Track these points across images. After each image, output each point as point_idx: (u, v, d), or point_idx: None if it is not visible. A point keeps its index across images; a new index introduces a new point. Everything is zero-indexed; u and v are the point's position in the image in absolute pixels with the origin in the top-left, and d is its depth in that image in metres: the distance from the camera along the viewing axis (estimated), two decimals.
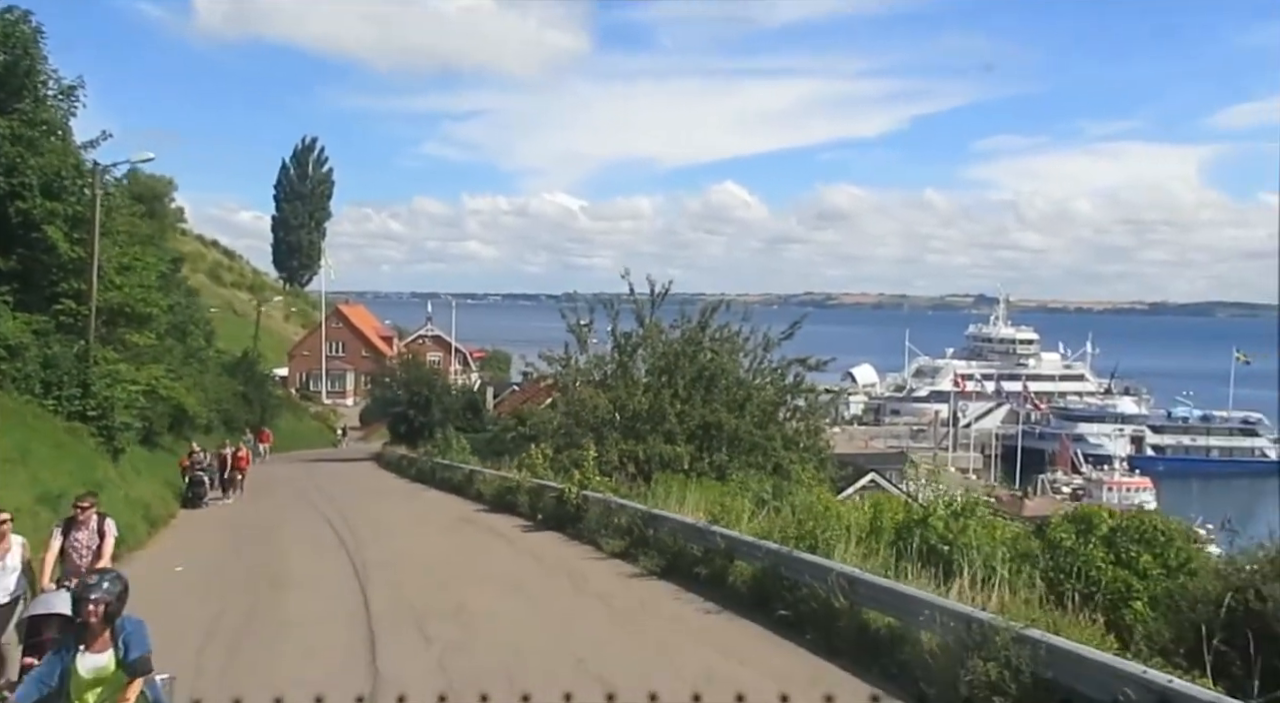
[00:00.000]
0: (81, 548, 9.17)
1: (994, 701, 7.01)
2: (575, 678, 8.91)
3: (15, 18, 21.24)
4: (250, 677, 9.33)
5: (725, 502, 14.09)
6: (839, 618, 9.42)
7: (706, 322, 24.79)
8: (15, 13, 21.28)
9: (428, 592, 12.70)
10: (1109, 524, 9.40)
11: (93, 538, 9.27)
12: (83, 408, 21.01)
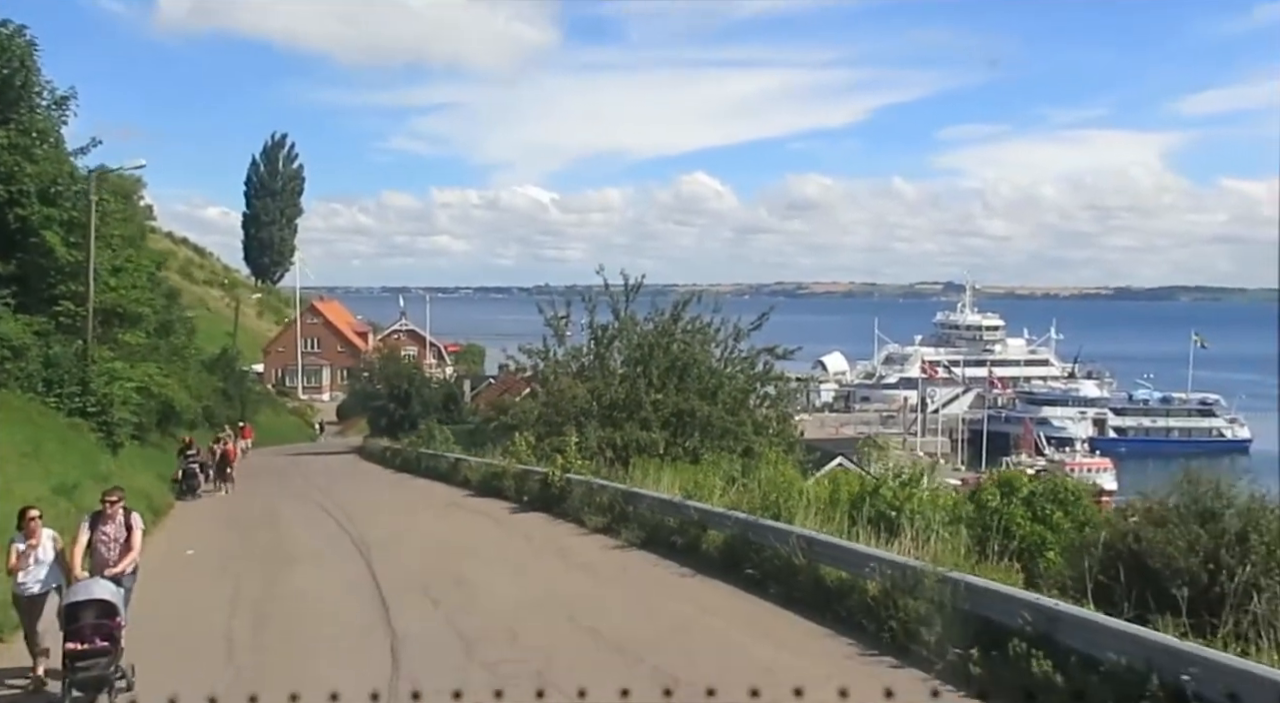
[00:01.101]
0: (110, 541, 9.50)
1: (922, 630, 8.44)
2: (569, 629, 10.29)
3: (11, 31, 22.11)
4: (279, 638, 10.59)
5: (698, 479, 15.49)
6: (798, 574, 10.84)
7: (679, 314, 26.13)
8: (10, 26, 22.16)
9: (428, 565, 13.99)
10: (1029, 487, 10.93)
11: (120, 531, 9.59)
12: (83, 405, 22.02)
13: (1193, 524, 8.10)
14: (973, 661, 7.84)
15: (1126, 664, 6.67)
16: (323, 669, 9.27)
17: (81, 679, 8.31)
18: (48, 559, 9.22)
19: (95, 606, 8.55)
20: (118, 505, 9.63)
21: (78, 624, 8.48)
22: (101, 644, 8.44)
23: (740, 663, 8.84)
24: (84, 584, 8.82)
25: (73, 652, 8.36)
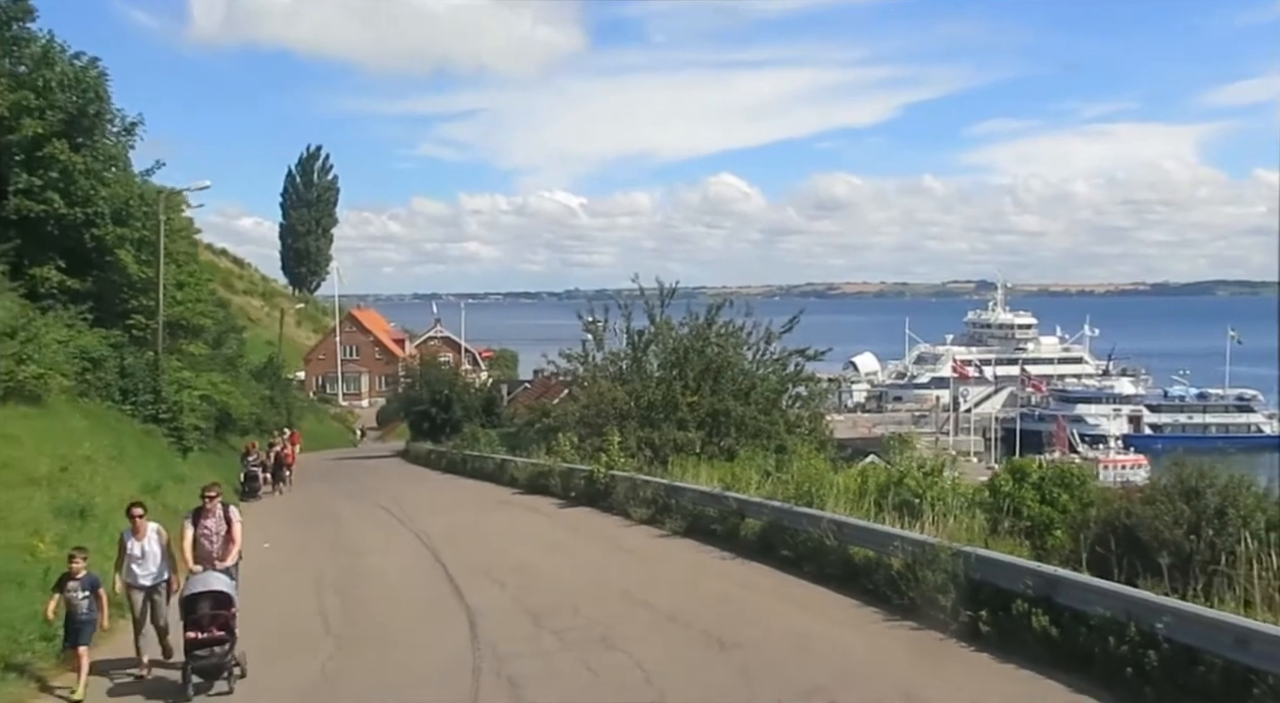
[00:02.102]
0: (211, 535, 9.91)
1: (938, 597, 9.64)
2: (624, 603, 11.59)
3: (85, 63, 23.88)
4: (366, 613, 11.98)
5: (735, 473, 16.74)
6: (829, 554, 12.06)
7: (713, 318, 27.35)
8: (84, 58, 23.94)
9: (488, 553, 15.36)
10: (1038, 473, 12.06)
11: (220, 525, 10.01)
12: (155, 412, 23.68)
13: (1178, 501, 9.22)
14: (982, 620, 9.05)
15: (1110, 617, 7.85)
16: (411, 637, 10.65)
17: (201, 666, 8.94)
18: (156, 552, 9.77)
19: (211, 597, 9.15)
20: (216, 501, 10.10)
21: (196, 615, 9.07)
22: (219, 633, 9.02)
23: (779, 627, 10.10)
24: (200, 577, 9.33)
25: (192, 641, 8.96)
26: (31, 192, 22.67)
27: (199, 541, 9.76)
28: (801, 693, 8.15)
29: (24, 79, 23.43)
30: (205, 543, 9.74)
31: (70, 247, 23.40)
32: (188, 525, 9.89)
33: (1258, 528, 8.59)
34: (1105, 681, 7.62)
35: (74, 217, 23.14)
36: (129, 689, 9.26)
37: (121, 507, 16.65)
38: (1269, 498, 9.13)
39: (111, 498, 16.72)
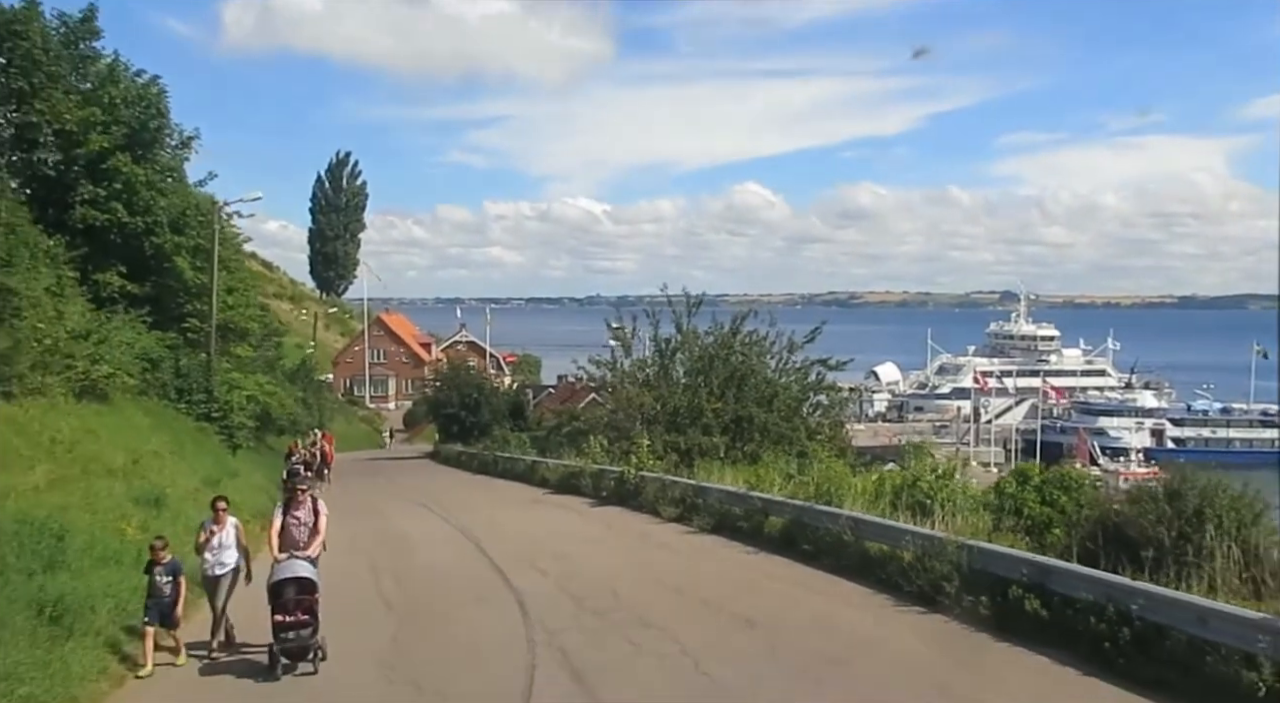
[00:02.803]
0: (300, 525, 10.50)
1: (944, 585, 10.79)
2: (659, 589, 12.81)
3: (147, 81, 25.47)
4: (423, 596, 13.22)
5: (759, 474, 17.92)
6: (847, 548, 13.23)
7: (737, 328, 28.53)
8: (146, 76, 25.53)
9: (528, 545, 16.60)
10: (1040, 477, 13.19)
11: (309, 516, 10.60)
12: (208, 410, 25.16)
13: (1161, 502, 10.32)
14: (982, 605, 10.20)
15: (1093, 600, 9.00)
16: (468, 615, 11.90)
17: (287, 648, 9.57)
18: (231, 544, 10.52)
19: (296, 583, 9.76)
20: (306, 493, 10.79)
21: (282, 600, 9.64)
22: (304, 617, 9.65)
23: (801, 611, 11.30)
24: (286, 564, 9.88)
25: (280, 624, 9.57)
26: (96, 202, 24.21)
27: (287, 528, 10.38)
28: (823, 661, 9.35)
29: (91, 95, 24.99)
30: (294, 531, 10.39)
31: (131, 253, 24.92)
32: (277, 514, 10.60)
33: (1229, 526, 9.70)
34: (1086, 654, 8.76)
35: (135, 225, 24.67)
36: (219, 669, 9.93)
37: (188, 498, 18.26)
38: (1243, 501, 10.21)
39: (179, 489, 18.19)
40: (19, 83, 23.78)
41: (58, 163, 24.30)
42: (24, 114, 23.95)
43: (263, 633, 9.81)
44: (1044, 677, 8.72)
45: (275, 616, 9.64)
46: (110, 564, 12.07)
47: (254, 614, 10.27)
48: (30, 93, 23.85)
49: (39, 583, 10.01)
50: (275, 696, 9.14)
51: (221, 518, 10.57)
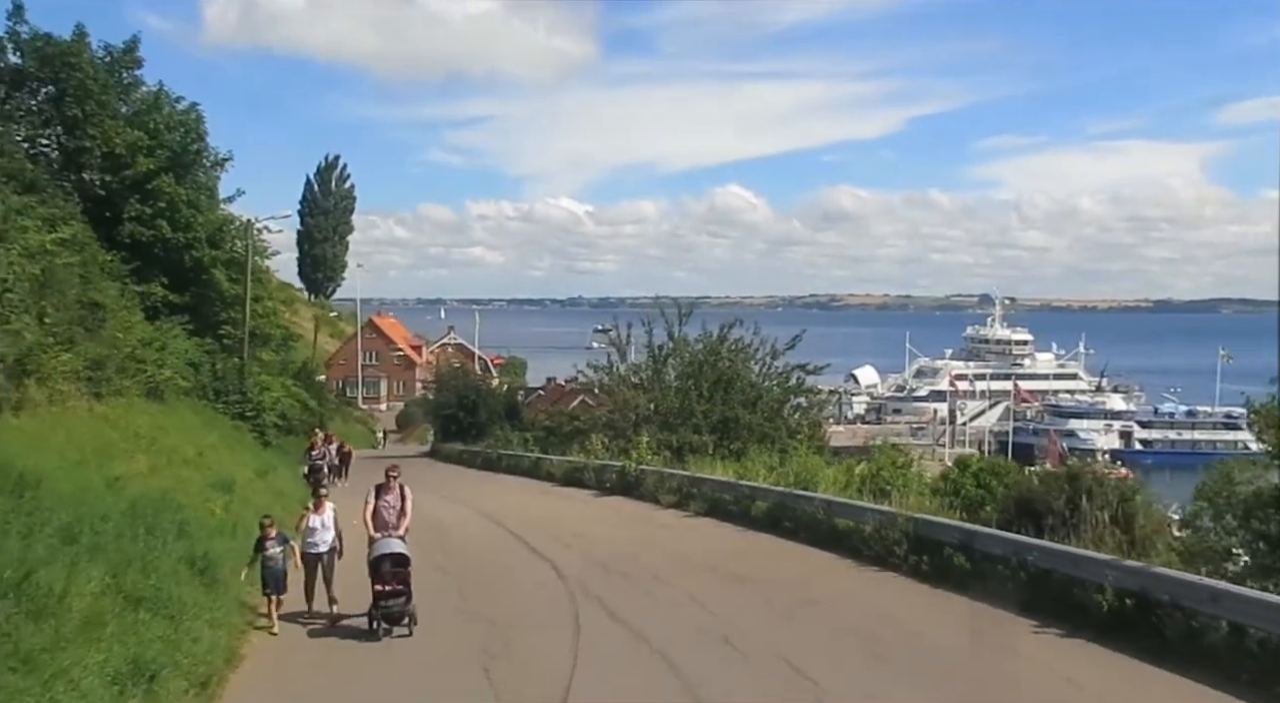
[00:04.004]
0: (389, 507, 12.02)
1: (895, 549, 13.86)
2: (665, 557, 15.82)
3: (187, 108, 28.24)
4: (472, 567, 16.05)
5: (746, 467, 20.97)
6: (820, 524, 16.27)
7: (725, 335, 31.58)
8: (185, 103, 28.29)
9: (548, 526, 19.53)
10: (977, 465, 16.32)
11: (397, 500, 12.16)
12: (242, 410, 27.89)
13: (1063, 482, 13.43)
14: (923, 562, 13.28)
15: (1001, 554, 12.09)
16: (514, 577, 14.83)
17: (386, 614, 11.14)
18: (330, 526, 12.17)
19: (392, 558, 11.36)
20: (396, 479, 12.37)
21: (380, 572, 11.17)
22: (399, 587, 11.22)
23: (782, 571, 14.37)
24: (383, 542, 11.48)
25: (380, 593, 11.12)
26: (143, 219, 26.89)
27: (380, 511, 12.00)
28: (800, 604, 12.39)
29: (133, 120, 27.69)
30: (385, 513, 12.03)
31: (172, 266, 27.61)
32: (371, 498, 12.21)
33: (1111, 500, 12.81)
34: (994, 594, 11.83)
35: (177, 240, 27.37)
36: (326, 633, 11.58)
37: (248, 484, 21.03)
38: (1125, 483, 13.36)
39: (240, 477, 21.00)
40: (73, 110, 26.45)
41: (107, 183, 26.96)
42: (77, 139, 26.61)
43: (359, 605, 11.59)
44: (964, 611, 11.79)
45: (375, 586, 11.18)
46: (218, 535, 14.91)
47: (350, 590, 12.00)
48: (83, 119, 26.53)
49: (185, 545, 12.83)
50: (379, 651, 10.90)
51: (321, 504, 12.44)
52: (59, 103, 26.65)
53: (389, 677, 10.01)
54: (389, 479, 12.46)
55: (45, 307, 17.29)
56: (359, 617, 11.63)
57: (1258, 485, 10.54)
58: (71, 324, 18.24)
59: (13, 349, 15.21)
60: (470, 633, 11.52)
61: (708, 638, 10.85)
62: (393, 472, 12.73)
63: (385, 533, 11.83)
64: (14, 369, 14.99)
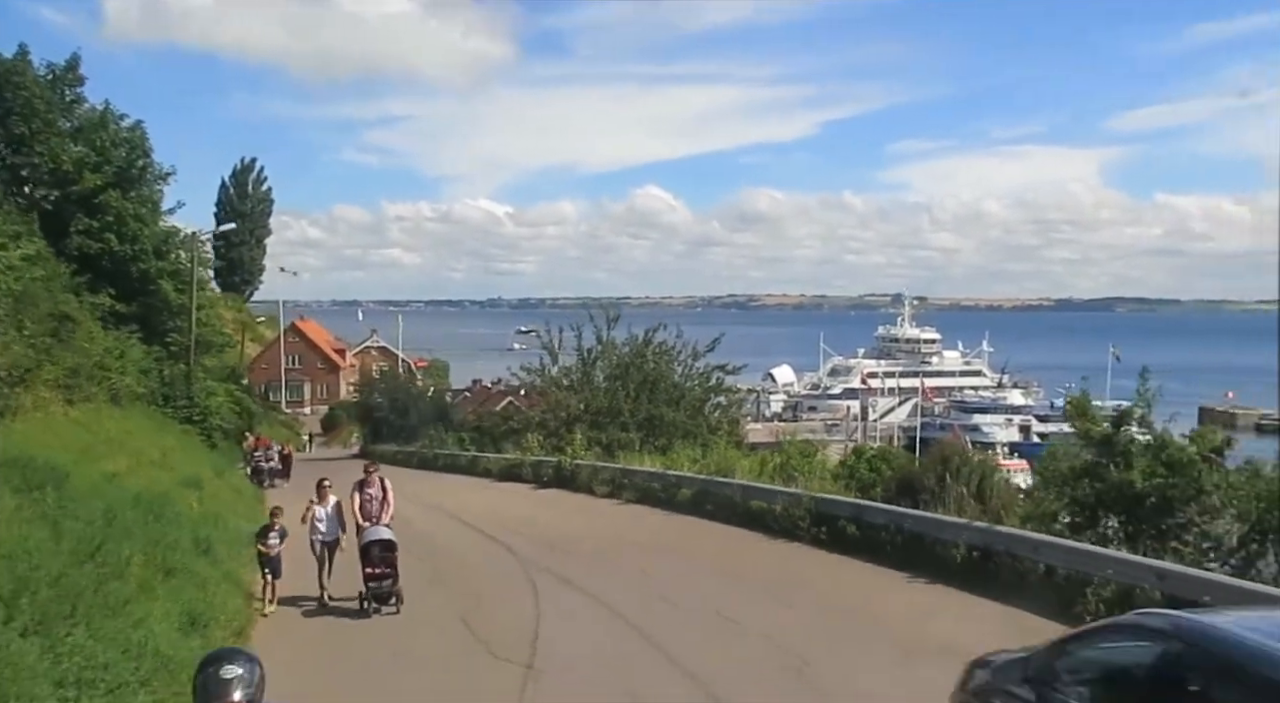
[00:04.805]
0: (372, 499, 13.47)
1: (800, 524, 16.54)
2: (607, 538, 18.24)
3: (132, 126, 29.51)
4: (439, 551, 18.09)
5: (672, 459, 23.54)
6: (738, 506, 18.89)
7: (649, 339, 34.11)
8: (130, 120, 29.58)
9: (495, 516, 21.73)
10: (869, 454, 19.16)
11: (378, 492, 13.51)
12: (190, 414, 29.33)
13: (937, 464, 16.29)
14: (822, 533, 15.98)
15: (884, 523, 14.86)
16: (475, 559, 17.02)
17: (375, 594, 12.58)
18: (334, 517, 13.42)
19: (380, 543, 12.68)
20: (375, 473, 13.83)
21: (370, 556, 12.55)
22: (387, 570, 12.58)
23: (706, 545, 16.95)
24: (372, 530, 12.91)
25: (369, 575, 12.55)
26: (91, 232, 28.13)
27: (363, 503, 13.54)
28: (722, 571, 14.94)
29: (81, 137, 28.90)
30: (369, 505, 13.49)
31: (119, 277, 28.87)
32: (355, 493, 13.61)
33: (973, 477, 15.70)
34: (878, 556, 14.57)
35: (124, 253, 28.66)
36: (317, 613, 13.00)
37: (210, 482, 22.71)
38: (984, 463, 16.30)
39: (203, 475, 22.66)
40: (19, 128, 27.57)
41: (55, 198, 28.13)
42: (24, 156, 27.73)
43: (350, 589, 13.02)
44: (854, 568, 14.51)
45: (365, 569, 12.55)
46: (203, 524, 16.77)
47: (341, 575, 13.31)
48: (29, 136, 27.66)
49: (189, 529, 14.72)
50: (372, 623, 12.48)
51: (325, 496, 13.61)
52: (4, 121, 27.70)
53: (387, 635, 12.07)
54: (368, 474, 13.97)
55: (23, 320, 18.84)
56: (348, 600, 13.07)
57: (1072, 462, 13.44)
58: (45, 336, 19.78)
59: (4, 359, 16.84)
60: (446, 601, 13.69)
61: (647, 595, 13.33)
62: (372, 468, 14.34)
63: (372, 522, 13.31)
64: (10, 378, 16.60)
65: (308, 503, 13.88)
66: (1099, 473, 12.63)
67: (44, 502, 11.29)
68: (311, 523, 13.52)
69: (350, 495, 13.71)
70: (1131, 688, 5.13)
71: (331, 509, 13.60)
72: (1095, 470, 12.76)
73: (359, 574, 12.89)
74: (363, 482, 13.79)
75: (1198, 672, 4.67)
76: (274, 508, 14.28)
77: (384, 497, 13.65)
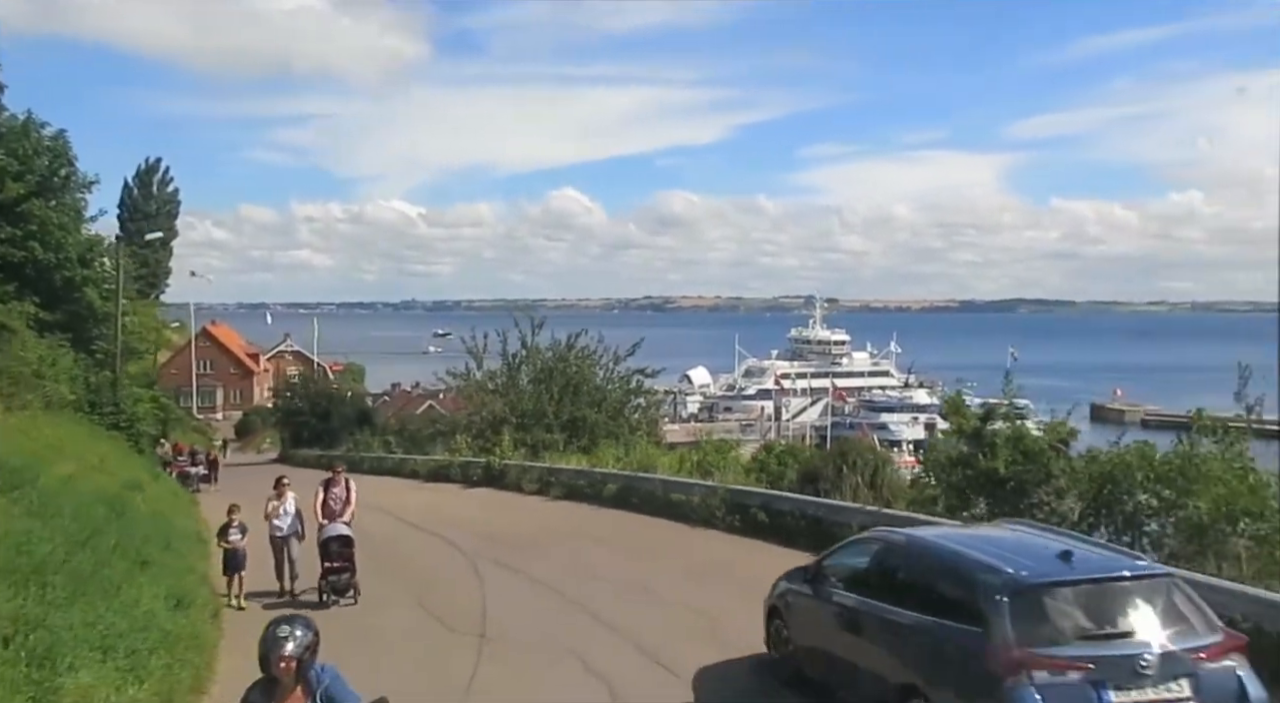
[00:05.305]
0: (336, 498, 14.40)
1: (715, 513, 18.44)
2: (539, 530, 19.85)
3: (55, 134, 29.85)
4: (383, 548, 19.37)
5: (597, 457, 25.24)
6: (659, 499, 20.72)
7: (573, 343, 35.73)
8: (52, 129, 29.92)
9: (430, 513, 23.08)
10: (778, 449, 21.21)
11: (343, 491, 14.40)
12: (117, 421, 29.79)
13: (835, 457, 18.38)
14: (736, 521, 17.92)
15: (790, 509, 16.86)
16: (421, 552, 18.43)
17: (333, 585, 13.60)
18: (292, 512, 14.37)
19: (339, 539, 13.76)
20: (341, 474, 14.89)
21: (329, 551, 13.57)
22: (345, 564, 13.69)
23: (635, 534, 18.74)
24: (331, 526, 13.90)
25: (328, 568, 13.57)
26: (14, 241, 28.42)
27: (328, 502, 14.45)
28: (649, 553, 16.72)
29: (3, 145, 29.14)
30: (332, 503, 14.42)
31: (44, 286, 29.19)
32: (320, 491, 14.55)
33: (867, 468, 17.82)
34: (785, 538, 16.55)
35: (48, 261, 29.01)
36: (280, 605, 13.47)
37: (149, 485, 23.51)
38: (879, 455, 18.46)
39: (142, 479, 23.41)
40: None
41: None
42: None
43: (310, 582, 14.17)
44: (763, 550, 16.43)
45: (324, 563, 13.61)
46: (156, 523, 17.80)
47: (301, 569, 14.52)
48: None
49: (154, 524, 15.79)
50: (331, 613, 13.24)
51: (283, 493, 14.69)
52: None
53: (350, 619, 13.36)
54: (335, 474, 15.01)
55: None
56: (309, 592, 14.18)
57: (949, 453, 15.61)
58: None
59: None
60: (399, 588, 15.12)
61: (580, 575, 15.04)
62: (339, 468, 15.52)
63: (331, 519, 14.30)
64: None
65: (267, 500, 14.97)
66: (970, 462, 14.81)
67: (26, 500, 12.40)
68: (271, 519, 14.57)
69: (315, 493, 14.72)
70: (862, 572, 8.81)
71: (290, 505, 14.63)
72: (967, 460, 14.94)
73: (318, 568, 14.01)
74: (329, 481, 14.85)
75: (894, 556, 8.56)
76: (231, 506, 15.20)
77: (347, 496, 14.62)
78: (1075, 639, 6.86)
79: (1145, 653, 6.71)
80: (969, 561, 7.60)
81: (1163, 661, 6.70)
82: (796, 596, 9.67)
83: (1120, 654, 6.74)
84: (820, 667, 9.15)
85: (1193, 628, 6.96)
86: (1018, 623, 6.85)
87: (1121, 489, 12.58)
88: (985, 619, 7.00)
